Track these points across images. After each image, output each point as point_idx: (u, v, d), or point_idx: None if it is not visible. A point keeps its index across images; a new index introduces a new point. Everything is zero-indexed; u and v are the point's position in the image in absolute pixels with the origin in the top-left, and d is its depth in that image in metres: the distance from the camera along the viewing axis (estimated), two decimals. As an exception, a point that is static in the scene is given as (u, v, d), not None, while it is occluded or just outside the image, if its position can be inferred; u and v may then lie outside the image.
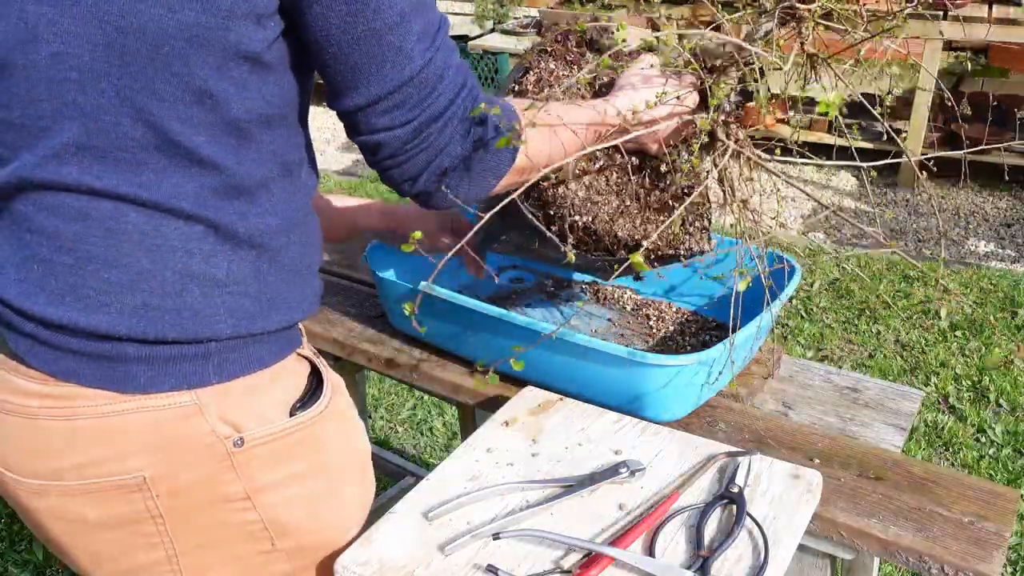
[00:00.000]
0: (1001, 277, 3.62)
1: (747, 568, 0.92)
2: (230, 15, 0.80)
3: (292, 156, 0.93)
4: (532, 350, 1.24)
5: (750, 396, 1.31)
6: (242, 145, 0.86)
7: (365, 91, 0.87)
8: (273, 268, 0.92)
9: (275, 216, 0.91)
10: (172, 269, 0.86)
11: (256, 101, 0.85)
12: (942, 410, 2.78)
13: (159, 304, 0.86)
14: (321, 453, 0.97)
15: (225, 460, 0.90)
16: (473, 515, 0.99)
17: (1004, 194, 4.49)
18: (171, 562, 0.93)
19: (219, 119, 0.84)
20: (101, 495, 0.88)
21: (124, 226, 0.84)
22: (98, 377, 0.86)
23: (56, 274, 0.85)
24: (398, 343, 1.44)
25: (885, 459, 1.16)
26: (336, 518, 1.00)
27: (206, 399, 0.88)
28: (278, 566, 0.97)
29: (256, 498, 0.92)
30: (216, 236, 0.87)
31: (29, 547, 2.30)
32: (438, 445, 2.72)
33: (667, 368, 1.13)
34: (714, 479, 1.05)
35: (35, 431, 0.88)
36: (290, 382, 0.96)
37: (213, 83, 0.82)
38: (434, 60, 0.88)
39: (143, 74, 0.80)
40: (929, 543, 1.02)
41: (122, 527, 0.90)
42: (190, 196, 0.85)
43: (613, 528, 0.98)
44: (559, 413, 1.17)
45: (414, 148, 0.91)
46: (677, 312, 1.50)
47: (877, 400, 1.32)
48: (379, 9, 0.84)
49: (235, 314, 0.89)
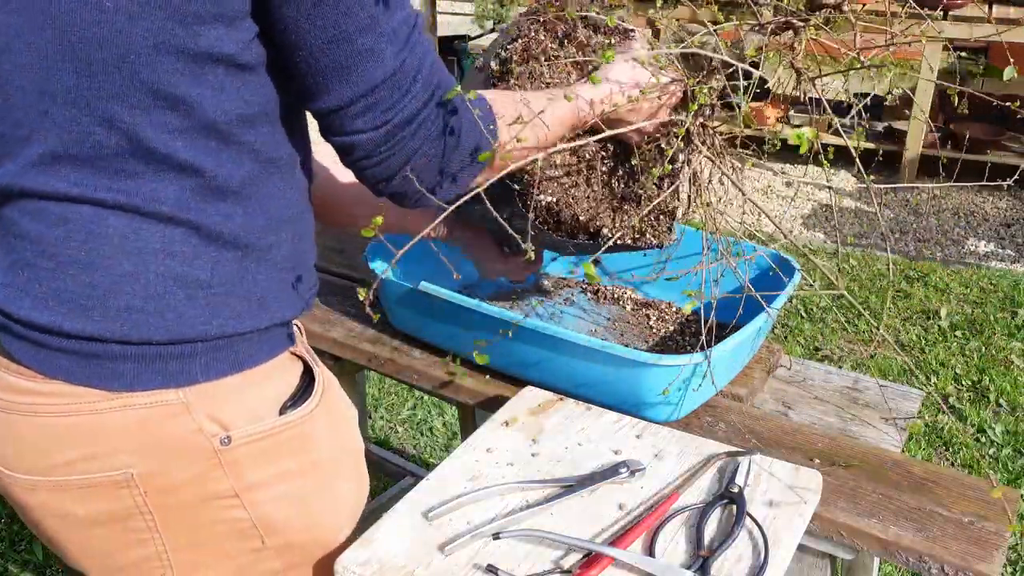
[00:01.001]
0: (1001, 277, 3.62)
1: (747, 568, 0.92)
2: (197, 20, 0.79)
3: (279, 153, 0.91)
4: (532, 350, 1.24)
5: (750, 396, 1.31)
6: (222, 147, 0.86)
7: (338, 94, 0.86)
8: (262, 267, 0.92)
9: (263, 215, 0.90)
10: (154, 272, 0.86)
11: (234, 102, 0.85)
12: (942, 410, 2.78)
13: (142, 307, 0.86)
14: (312, 451, 0.97)
15: (213, 458, 0.90)
16: (473, 515, 0.99)
17: (1004, 194, 4.49)
18: (161, 558, 0.93)
19: (196, 123, 0.83)
20: (90, 491, 0.89)
21: (104, 230, 0.84)
22: (87, 375, 0.86)
23: (40, 279, 0.86)
24: (398, 343, 1.44)
25: (885, 459, 1.16)
26: (328, 516, 1.00)
27: (193, 397, 0.88)
28: (268, 563, 0.97)
29: (245, 496, 0.92)
30: (199, 238, 0.87)
31: (29, 547, 2.30)
32: (438, 445, 2.72)
33: (667, 368, 1.13)
34: (714, 479, 1.05)
35: (26, 427, 0.89)
36: (282, 380, 0.96)
37: (185, 88, 0.81)
38: (407, 61, 0.87)
39: (111, 83, 0.80)
40: (929, 543, 1.02)
41: (112, 523, 0.91)
42: (170, 200, 0.85)
43: (613, 528, 0.98)
44: (559, 413, 1.17)
45: (388, 150, 0.90)
46: (677, 312, 1.50)
47: (877, 400, 1.32)
48: (349, 12, 0.82)
49: (221, 314, 0.89)
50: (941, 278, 3.61)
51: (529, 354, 1.25)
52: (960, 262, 3.83)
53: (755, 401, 1.32)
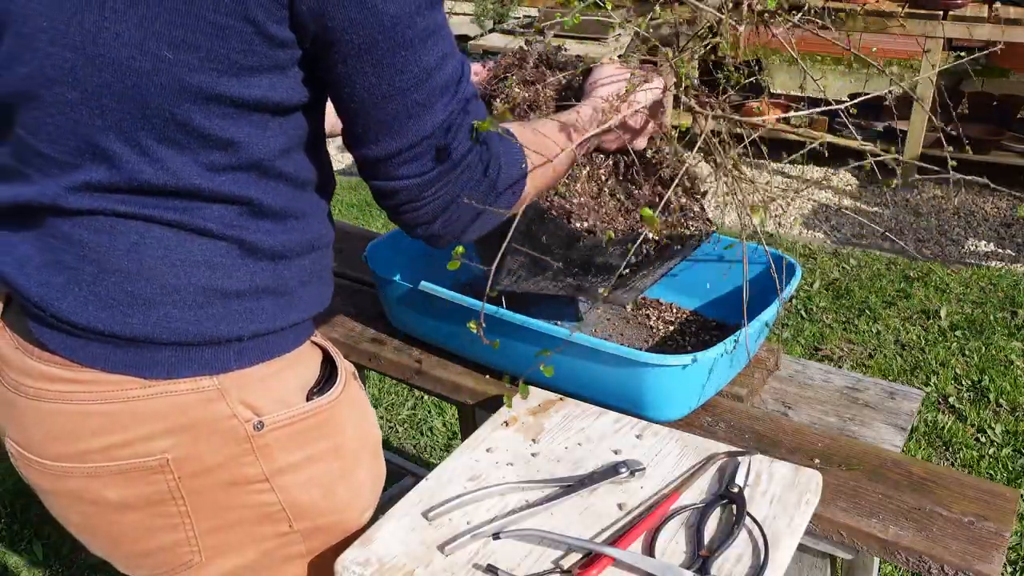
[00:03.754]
0: (1001, 277, 3.62)
1: (747, 568, 0.92)
2: (251, 72, 0.81)
3: (311, 176, 0.94)
4: (532, 350, 1.24)
5: (750, 396, 1.31)
6: (264, 178, 0.88)
7: (387, 144, 0.88)
8: (293, 273, 0.95)
9: (298, 231, 0.94)
10: (195, 284, 0.88)
11: (277, 139, 0.87)
12: (942, 410, 2.78)
13: (181, 316, 0.88)
14: (337, 436, 1.00)
15: (245, 443, 0.92)
16: (473, 515, 0.99)
17: (1004, 194, 4.49)
18: (191, 543, 0.95)
19: (241, 161, 0.86)
20: (124, 476, 0.91)
21: (149, 240, 0.87)
22: (123, 363, 0.89)
23: (81, 282, 0.88)
24: (398, 343, 1.44)
25: (885, 459, 1.16)
26: (351, 499, 1.03)
27: (228, 384, 0.91)
28: (293, 547, 0.99)
29: (275, 480, 0.95)
30: (240, 251, 0.90)
31: (29, 547, 2.30)
32: (438, 445, 2.71)
33: (667, 368, 1.13)
34: (714, 479, 1.05)
35: (57, 415, 0.90)
36: (306, 368, 0.99)
37: (234, 131, 0.83)
38: (455, 111, 0.89)
39: (166, 128, 0.82)
40: (929, 543, 1.02)
41: (144, 508, 0.93)
42: (216, 219, 0.88)
43: (613, 528, 0.98)
44: (559, 413, 1.17)
45: (431, 195, 0.91)
46: (677, 312, 1.50)
47: (877, 400, 1.32)
48: (405, 68, 0.84)
49: (256, 319, 0.92)
50: (941, 278, 3.61)
51: (529, 354, 1.25)
52: (960, 262, 3.83)
53: (755, 401, 1.32)
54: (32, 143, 0.86)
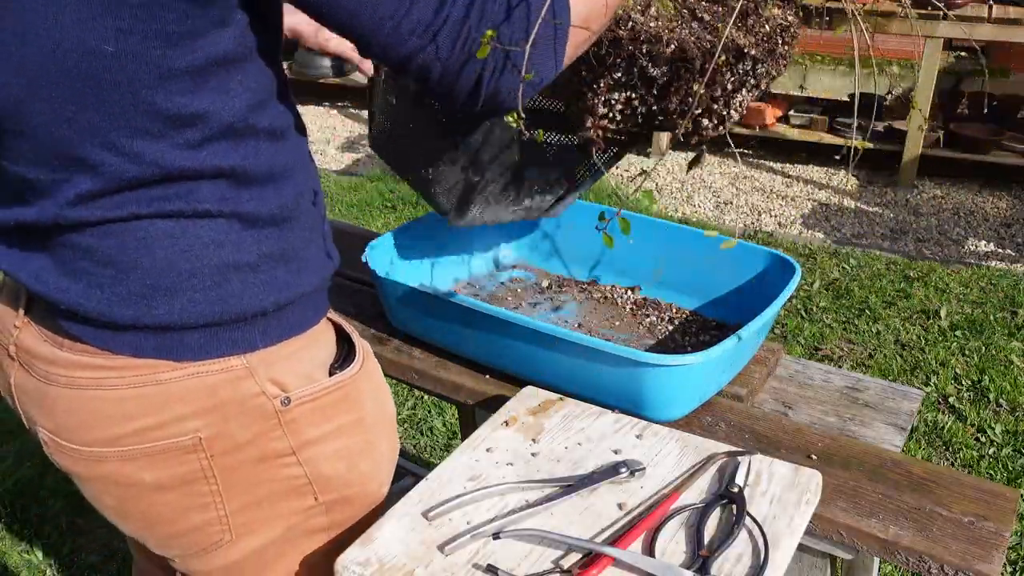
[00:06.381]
0: (1001, 277, 3.62)
1: (747, 568, 0.92)
2: (193, 35, 0.80)
3: (284, 123, 0.94)
4: (532, 350, 1.24)
5: (750, 396, 1.31)
6: (241, 142, 0.89)
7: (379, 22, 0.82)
8: (295, 233, 0.96)
9: (288, 186, 0.94)
10: (208, 265, 0.90)
11: (241, 97, 0.87)
12: (942, 410, 2.78)
13: (204, 298, 0.90)
14: (358, 410, 1.03)
15: (273, 418, 0.95)
16: (473, 515, 0.99)
17: (1004, 194, 4.49)
18: (222, 522, 0.98)
19: (214, 131, 0.86)
20: (158, 457, 0.93)
21: (154, 235, 0.88)
22: (154, 348, 0.91)
23: (102, 285, 0.89)
24: (398, 343, 1.44)
25: (885, 459, 1.16)
26: (373, 470, 1.06)
27: (255, 362, 0.94)
28: (317, 520, 1.03)
29: (301, 453, 0.98)
30: (241, 224, 0.91)
31: (29, 547, 2.30)
32: (438, 445, 2.72)
33: (667, 368, 1.14)
34: (714, 479, 1.05)
35: (91, 401, 0.92)
36: (326, 345, 1.02)
37: (196, 103, 0.83)
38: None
39: (135, 120, 0.82)
40: (929, 543, 1.02)
41: (177, 488, 0.95)
42: (210, 199, 0.88)
43: (613, 528, 0.98)
44: (559, 413, 1.17)
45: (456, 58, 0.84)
46: (677, 312, 1.50)
47: (877, 400, 1.32)
48: None
49: (274, 289, 0.94)
50: (941, 278, 3.61)
51: (529, 354, 1.25)
52: (960, 262, 3.83)
53: (755, 401, 1.32)
54: (19, 172, 0.87)
